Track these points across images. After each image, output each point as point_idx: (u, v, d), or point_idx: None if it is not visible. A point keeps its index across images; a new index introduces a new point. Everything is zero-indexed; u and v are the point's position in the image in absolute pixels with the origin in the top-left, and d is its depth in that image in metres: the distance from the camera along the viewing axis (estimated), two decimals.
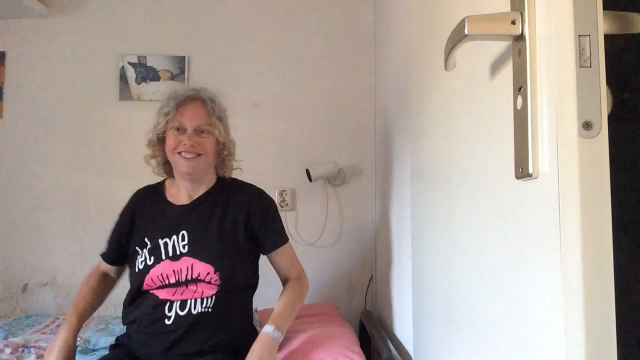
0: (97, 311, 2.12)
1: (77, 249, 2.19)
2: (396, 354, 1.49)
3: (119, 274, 1.47)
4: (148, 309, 1.27)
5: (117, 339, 1.39)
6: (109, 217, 2.13)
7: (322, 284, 2.22)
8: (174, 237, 1.31)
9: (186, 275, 1.27)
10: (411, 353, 1.39)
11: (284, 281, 1.44)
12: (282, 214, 2.22)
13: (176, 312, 1.25)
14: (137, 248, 1.34)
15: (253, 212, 1.36)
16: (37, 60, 2.23)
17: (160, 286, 1.28)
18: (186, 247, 1.29)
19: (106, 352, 1.43)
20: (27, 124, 2.22)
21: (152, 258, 1.30)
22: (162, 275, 1.28)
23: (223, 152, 1.38)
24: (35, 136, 2.21)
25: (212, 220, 1.33)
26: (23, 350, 1.54)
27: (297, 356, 1.39)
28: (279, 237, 1.41)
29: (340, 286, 2.24)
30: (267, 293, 2.15)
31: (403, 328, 1.58)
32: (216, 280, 1.27)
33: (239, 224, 1.34)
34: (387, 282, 1.86)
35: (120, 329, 1.77)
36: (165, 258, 1.29)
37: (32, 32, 2.24)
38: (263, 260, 1.45)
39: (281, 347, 1.47)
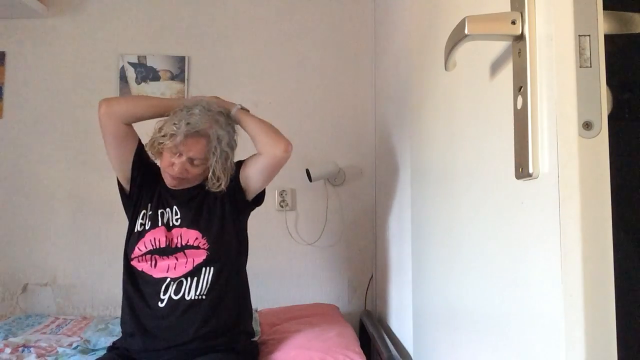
0: (97, 311, 2.16)
1: (77, 249, 2.19)
2: (396, 354, 1.49)
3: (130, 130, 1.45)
4: (146, 288, 1.36)
5: (114, 343, 1.42)
6: (109, 217, 2.16)
7: (322, 284, 2.22)
8: (169, 209, 1.42)
9: (176, 243, 1.37)
10: (411, 353, 1.39)
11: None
12: (282, 214, 2.26)
13: (170, 297, 1.32)
14: (141, 204, 1.43)
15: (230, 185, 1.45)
16: (37, 60, 2.23)
17: (150, 251, 1.35)
18: (178, 220, 1.41)
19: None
20: (27, 124, 2.21)
21: (150, 223, 1.41)
22: (154, 239, 1.37)
23: (212, 178, 1.39)
24: (35, 136, 2.21)
25: (202, 200, 1.44)
26: (23, 350, 1.54)
27: (297, 356, 1.39)
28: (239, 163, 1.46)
29: (340, 286, 2.23)
30: (267, 293, 2.16)
31: (403, 328, 1.57)
32: (204, 244, 1.36)
33: (224, 200, 1.43)
34: (387, 282, 1.86)
35: (119, 329, 1.77)
36: (162, 225, 1.40)
37: (32, 32, 2.23)
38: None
39: (281, 346, 1.47)
